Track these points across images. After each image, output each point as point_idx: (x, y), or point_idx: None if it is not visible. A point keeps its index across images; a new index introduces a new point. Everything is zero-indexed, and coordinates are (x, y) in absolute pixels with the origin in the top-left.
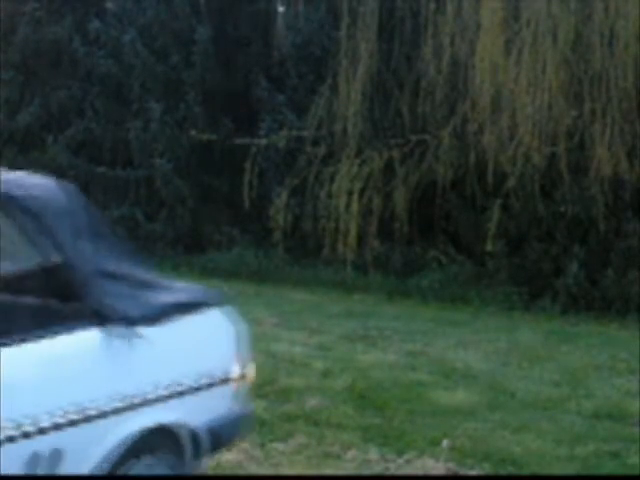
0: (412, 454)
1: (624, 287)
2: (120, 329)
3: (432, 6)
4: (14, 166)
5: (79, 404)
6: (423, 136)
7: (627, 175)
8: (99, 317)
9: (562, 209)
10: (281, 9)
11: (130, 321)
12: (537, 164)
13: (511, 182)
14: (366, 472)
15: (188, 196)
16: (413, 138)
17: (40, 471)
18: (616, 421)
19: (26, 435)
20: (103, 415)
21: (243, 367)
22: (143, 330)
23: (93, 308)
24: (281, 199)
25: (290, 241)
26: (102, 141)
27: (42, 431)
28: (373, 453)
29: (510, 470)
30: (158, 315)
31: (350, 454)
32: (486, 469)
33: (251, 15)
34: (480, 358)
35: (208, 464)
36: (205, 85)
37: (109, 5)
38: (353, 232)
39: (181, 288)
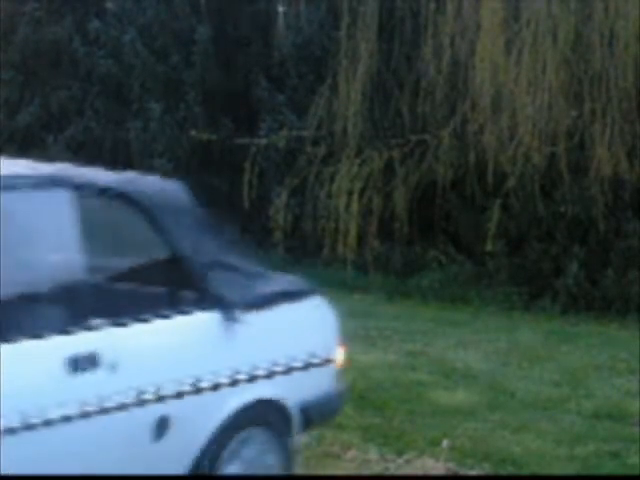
0: (412, 454)
1: (624, 287)
2: (231, 313)
3: (432, 6)
4: None
5: (197, 376)
6: (423, 136)
7: (627, 175)
8: (213, 303)
9: (562, 209)
10: (281, 9)
11: (239, 306)
12: (537, 164)
13: (511, 182)
14: (366, 472)
15: None
16: (413, 138)
17: (166, 434)
18: (616, 421)
19: (154, 400)
20: (215, 387)
21: (331, 352)
22: (251, 314)
23: (208, 295)
24: (281, 199)
25: (290, 241)
26: (102, 141)
27: (167, 397)
28: (373, 453)
29: (510, 470)
30: (264, 301)
31: (350, 454)
32: (486, 469)
33: (251, 15)
34: (480, 358)
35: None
36: (205, 85)
37: (109, 5)
38: (353, 232)
39: (283, 278)
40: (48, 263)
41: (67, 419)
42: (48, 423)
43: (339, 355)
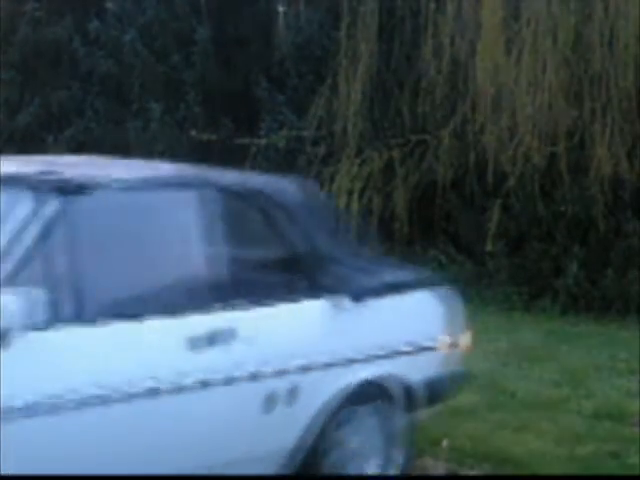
0: None
1: (624, 287)
2: (346, 300)
3: (432, 6)
4: None
5: (313, 354)
6: (423, 136)
7: (627, 175)
8: (331, 290)
9: (562, 209)
10: (281, 9)
11: (354, 294)
12: (537, 164)
13: (511, 182)
14: None
15: None
16: (413, 138)
17: (279, 405)
18: (616, 421)
19: (275, 374)
20: (328, 366)
21: (455, 337)
22: (376, 300)
23: (327, 283)
24: None
25: None
26: (102, 141)
27: (295, 371)
28: None
29: (510, 470)
30: (376, 290)
31: None
32: (486, 469)
33: (251, 15)
34: (480, 358)
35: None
36: (205, 85)
37: (109, 5)
38: (353, 232)
39: (398, 269)
40: (194, 255)
41: (209, 384)
42: (191, 388)
43: (464, 339)
